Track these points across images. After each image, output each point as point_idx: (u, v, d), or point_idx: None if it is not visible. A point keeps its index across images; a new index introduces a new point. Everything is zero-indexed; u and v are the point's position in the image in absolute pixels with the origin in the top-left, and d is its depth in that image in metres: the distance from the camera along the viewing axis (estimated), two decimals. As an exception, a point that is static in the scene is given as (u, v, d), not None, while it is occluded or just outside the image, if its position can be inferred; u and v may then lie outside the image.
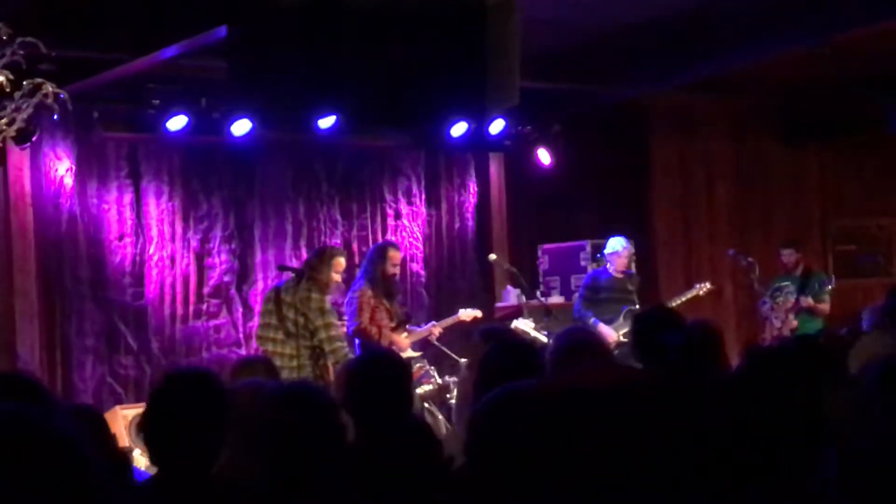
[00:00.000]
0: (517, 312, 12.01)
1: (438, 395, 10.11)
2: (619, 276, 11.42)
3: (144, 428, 3.95)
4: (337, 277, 9.76)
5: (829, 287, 11.96)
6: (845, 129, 13.81)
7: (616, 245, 11.47)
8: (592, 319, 11.16)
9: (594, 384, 1.74)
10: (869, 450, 2.33)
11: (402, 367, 5.10)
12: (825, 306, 11.93)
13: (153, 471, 4.09)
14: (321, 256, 9.81)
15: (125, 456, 4.64)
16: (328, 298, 9.69)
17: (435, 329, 10.58)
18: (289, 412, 4.10)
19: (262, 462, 4.12)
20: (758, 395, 3.77)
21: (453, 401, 9.71)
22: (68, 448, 1.80)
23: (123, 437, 9.16)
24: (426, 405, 9.91)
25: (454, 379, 10.01)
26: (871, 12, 9.66)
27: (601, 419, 1.71)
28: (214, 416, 3.93)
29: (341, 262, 9.88)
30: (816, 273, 12.38)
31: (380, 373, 4.86)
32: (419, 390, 9.87)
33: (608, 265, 11.51)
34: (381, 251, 10.45)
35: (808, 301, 11.81)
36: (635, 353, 6.24)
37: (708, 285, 11.91)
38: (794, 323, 11.81)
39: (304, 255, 11.93)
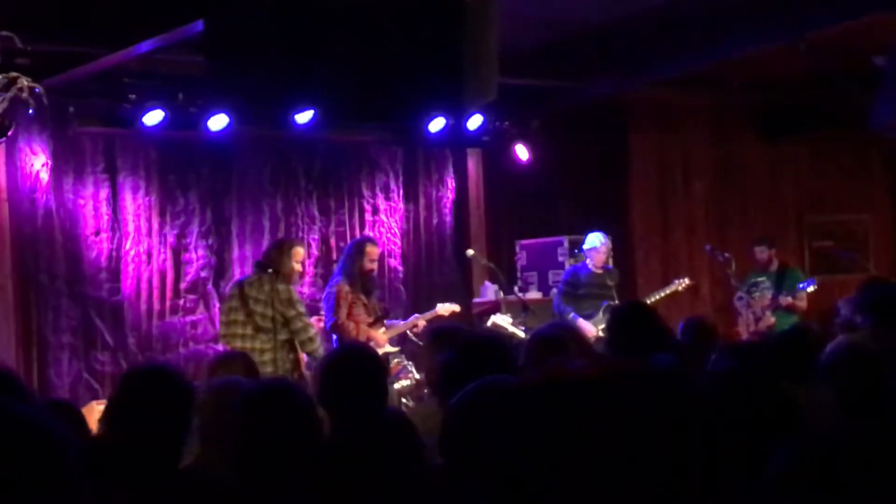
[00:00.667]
0: (495, 308, 12.01)
1: (416, 391, 10.09)
2: (599, 271, 11.43)
3: (106, 422, 3.97)
4: (298, 267, 9.78)
5: (810, 288, 11.93)
6: (822, 124, 13.85)
7: (594, 240, 11.48)
8: (572, 315, 11.17)
9: (578, 376, 1.73)
10: (825, 440, 2.33)
11: (377, 361, 5.08)
12: (803, 304, 11.96)
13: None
14: (280, 248, 9.79)
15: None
16: (294, 289, 9.69)
17: (419, 322, 10.56)
18: (264, 410, 4.10)
19: (237, 459, 4.11)
20: (731, 390, 3.78)
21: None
22: (46, 441, 1.79)
23: (100, 433, 9.11)
24: (403, 400, 9.90)
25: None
26: (846, 8, 9.68)
27: (585, 411, 1.69)
28: (177, 411, 3.94)
29: (300, 251, 9.87)
30: (792, 269, 12.40)
31: (354, 367, 4.84)
32: (396, 385, 9.87)
33: (587, 260, 11.52)
34: (359, 246, 10.43)
35: (787, 300, 11.81)
36: (610, 348, 6.22)
37: (687, 281, 11.93)
38: (772, 320, 11.82)
39: (283, 250, 11.92)
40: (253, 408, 4.12)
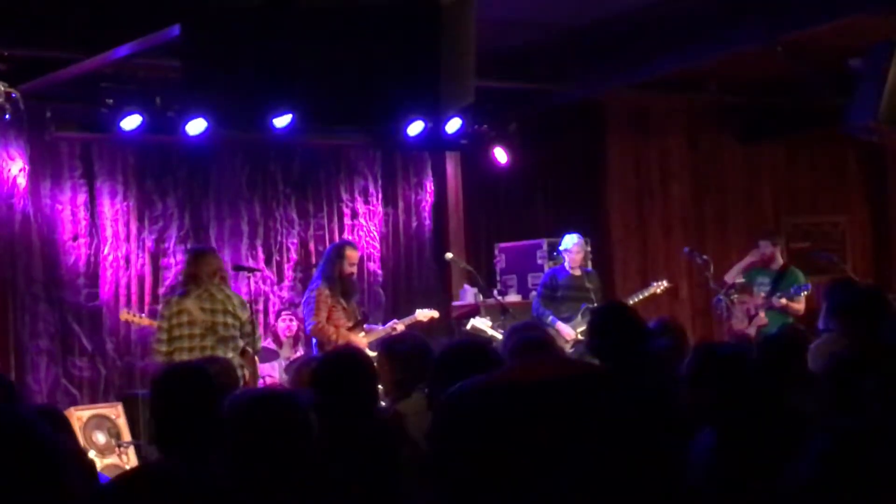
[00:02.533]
0: (474, 311, 12.03)
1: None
2: (577, 273, 11.44)
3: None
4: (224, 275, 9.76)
5: (804, 293, 11.72)
6: (799, 126, 13.89)
7: (567, 242, 11.48)
8: (550, 318, 11.18)
9: (530, 378, 1.73)
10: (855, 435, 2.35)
11: (367, 364, 5.12)
12: (800, 306, 11.73)
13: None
14: (211, 258, 9.56)
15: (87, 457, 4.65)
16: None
17: (398, 326, 10.55)
18: (258, 414, 4.14)
19: (231, 462, 4.13)
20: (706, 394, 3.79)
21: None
22: (47, 449, 1.78)
23: (79, 438, 9.11)
24: (382, 404, 9.88)
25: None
26: (822, 10, 9.73)
27: (535, 411, 1.70)
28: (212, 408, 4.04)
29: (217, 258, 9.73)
30: (794, 271, 12.23)
31: (345, 370, 4.87)
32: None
33: (565, 262, 11.52)
34: (338, 250, 10.42)
35: (780, 301, 11.64)
36: (590, 349, 6.22)
37: (665, 283, 11.93)
38: (765, 320, 11.68)
39: (261, 254, 11.93)
40: (244, 412, 4.16)
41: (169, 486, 2.67)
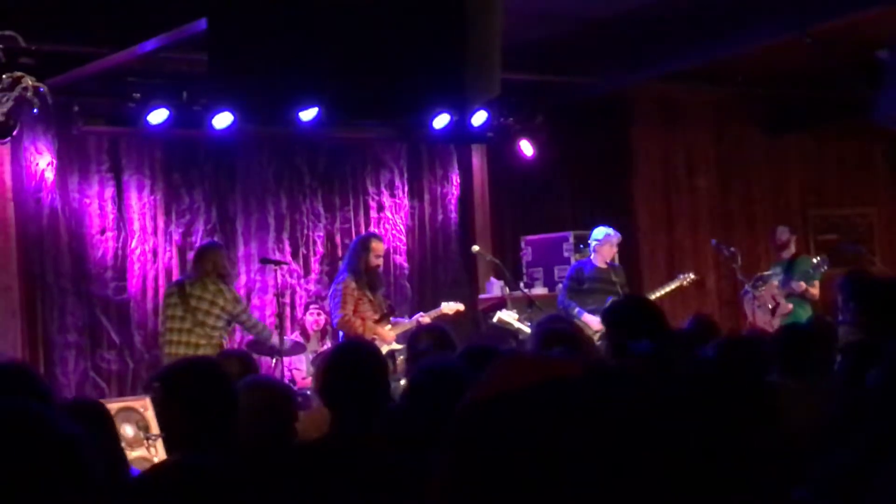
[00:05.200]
0: (500, 304, 12.00)
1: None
2: (604, 267, 11.38)
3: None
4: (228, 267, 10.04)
5: (822, 270, 11.70)
6: (826, 117, 13.83)
7: (598, 234, 11.46)
8: (577, 310, 11.13)
9: (508, 387, 1.70)
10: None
11: (378, 357, 5.07)
12: (815, 290, 11.76)
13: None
14: (212, 253, 9.85)
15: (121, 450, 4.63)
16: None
17: (423, 320, 10.54)
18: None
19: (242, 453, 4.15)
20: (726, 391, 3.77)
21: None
22: (69, 448, 1.77)
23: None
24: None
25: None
26: (850, 2, 9.68)
27: (514, 425, 1.67)
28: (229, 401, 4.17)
29: (223, 253, 10.07)
30: (804, 257, 12.26)
31: (355, 363, 4.83)
32: (402, 382, 9.85)
33: (592, 255, 11.48)
34: (364, 242, 10.42)
35: (800, 286, 11.65)
36: (608, 341, 6.16)
37: (692, 276, 11.89)
38: (789, 307, 11.68)
39: (287, 248, 11.95)
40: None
41: (199, 479, 2.68)
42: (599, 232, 11.45)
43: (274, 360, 10.15)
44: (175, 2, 8.27)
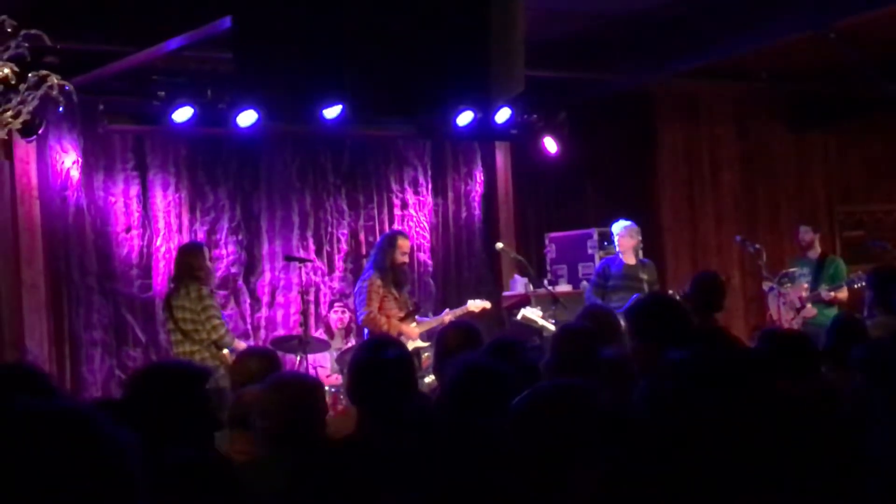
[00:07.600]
0: (524, 301, 12.00)
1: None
2: (632, 263, 11.33)
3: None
4: (210, 265, 9.89)
5: (857, 286, 11.45)
6: (851, 113, 13.78)
7: (616, 228, 11.45)
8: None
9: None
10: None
11: (405, 355, 5.06)
12: (843, 294, 11.62)
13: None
14: (185, 256, 9.74)
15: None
16: (206, 289, 9.67)
17: (447, 318, 10.54)
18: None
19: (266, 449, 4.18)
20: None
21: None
22: (120, 455, 1.75)
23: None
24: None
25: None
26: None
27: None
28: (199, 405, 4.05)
29: (205, 251, 9.96)
30: (833, 259, 12.14)
31: (379, 361, 4.83)
32: (427, 380, 9.86)
33: (619, 252, 11.45)
34: (390, 239, 10.44)
35: (830, 295, 11.50)
36: (630, 338, 6.10)
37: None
38: (813, 311, 11.58)
39: (311, 245, 11.97)
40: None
41: (225, 475, 2.71)
42: (618, 225, 11.45)
43: (298, 358, 10.16)
44: (200, 0, 8.30)
